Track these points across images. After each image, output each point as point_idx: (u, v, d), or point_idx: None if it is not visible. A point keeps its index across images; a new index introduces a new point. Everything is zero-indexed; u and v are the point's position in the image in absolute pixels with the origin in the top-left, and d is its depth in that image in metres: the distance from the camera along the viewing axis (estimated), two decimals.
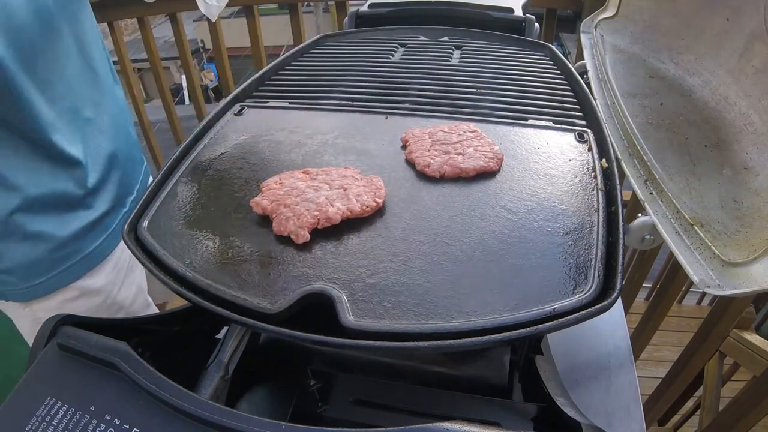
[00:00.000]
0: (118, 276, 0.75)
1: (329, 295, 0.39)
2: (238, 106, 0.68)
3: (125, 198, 0.77)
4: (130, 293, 0.77)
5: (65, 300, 0.69)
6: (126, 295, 0.76)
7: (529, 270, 0.41)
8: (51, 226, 0.64)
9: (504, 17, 0.95)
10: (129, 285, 0.77)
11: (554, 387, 0.43)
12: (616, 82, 0.69)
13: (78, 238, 0.67)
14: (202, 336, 0.55)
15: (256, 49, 1.58)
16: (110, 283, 0.73)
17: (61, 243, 0.66)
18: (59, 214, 0.65)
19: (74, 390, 0.37)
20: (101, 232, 0.71)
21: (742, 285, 0.40)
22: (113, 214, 0.73)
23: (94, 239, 0.70)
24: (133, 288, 0.78)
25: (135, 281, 0.79)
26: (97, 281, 0.71)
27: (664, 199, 0.51)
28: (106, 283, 0.73)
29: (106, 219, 0.72)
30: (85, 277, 0.70)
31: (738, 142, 0.52)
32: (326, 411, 0.50)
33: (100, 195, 0.70)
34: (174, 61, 9.31)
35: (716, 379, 1.48)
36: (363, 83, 0.75)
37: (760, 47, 0.52)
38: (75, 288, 0.69)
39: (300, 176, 0.51)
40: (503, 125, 0.61)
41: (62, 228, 0.65)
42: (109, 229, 0.73)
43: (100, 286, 0.72)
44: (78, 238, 0.67)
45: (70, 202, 0.66)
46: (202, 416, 0.33)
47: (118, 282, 0.75)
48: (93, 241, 0.70)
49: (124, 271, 0.76)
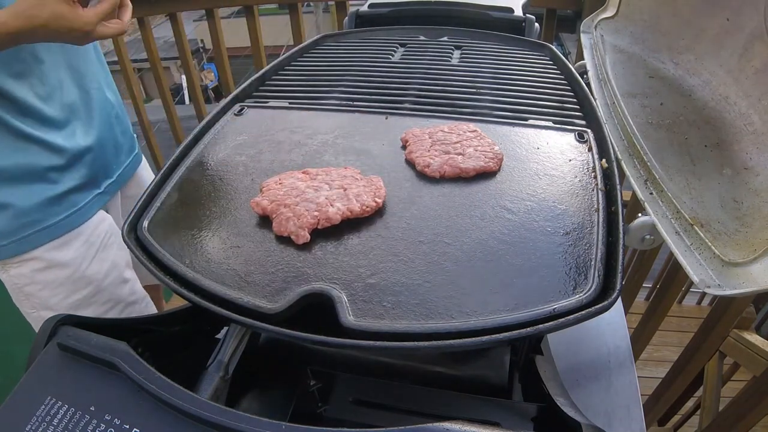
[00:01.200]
0: (89, 251, 0.77)
1: (329, 295, 0.39)
2: (238, 106, 0.68)
3: (100, 180, 0.79)
4: (101, 268, 0.79)
5: (34, 270, 0.73)
6: (97, 269, 0.78)
7: (529, 270, 0.41)
8: (12, 197, 0.68)
9: (504, 17, 0.95)
10: (101, 261, 0.79)
11: (554, 387, 0.43)
12: (616, 82, 0.69)
13: (39, 209, 0.70)
14: (202, 336, 0.55)
15: (256, 49, 1.58)
16: (80, 258, 0.76)
17: (22, 212, 0.69)
18: (21, 185, 0.68)
19: (74, 390, 0.37)
20: (67, 207, 0.74)
21: (742, 285, 0.40)
22: (83, 192, 0.76)
23: (57, 213, 0.72)
24: (105, 264, 0.80)
25: (109, 258, 0.81)
26: (66, 255, 0.74)
27: (664, 199, 0.51)
28: (74, 257, 0.75)
29: (72, 195, 0.74)
30: (52, 250, 0.73)
31: (738, 142, 0.52)
32: (326, 411, 0.50)
33: (68, 172, 0.73)
34: (174, 61, 9.32)
35: (716, 379, 1.48)
36: (363, 83, 0.75)
37: (760, 47, 0.52)
38: (42, 259, 0.73)
39: (300, 176, 0.51)
40: (503, 125, 0.61)
41: (23, 199, 0.69)
42: (78, 206, 0.75)
43: (68, 260, 0.75)
44: (39, 209, 0.70)
45: (33, 175, 0.69)
46: (202, 416, 0.33)
47: (89, 257, 0.77)
48: (57, 215, 0.72)
49: (97, 246, 0.78)
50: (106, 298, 0.80)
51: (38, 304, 0.76)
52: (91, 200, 0.77)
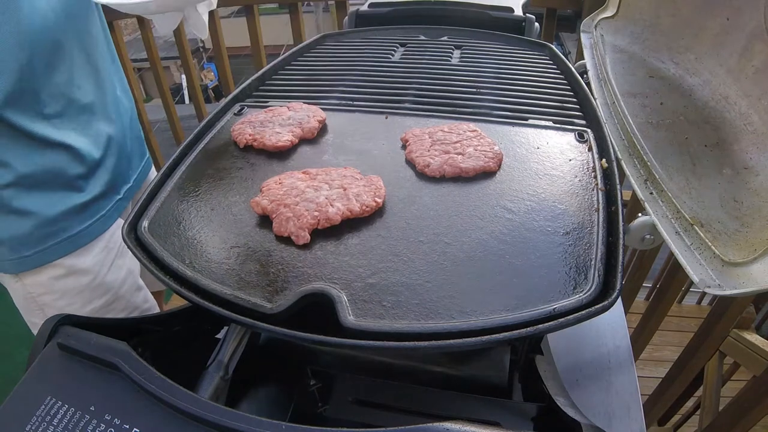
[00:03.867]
0: (108, 257, 0.76)
1: (329, 294, 0.39)
2: (238, 106, 0.68)
3: (120, 186, 0.78)
4: (119, 276, 0.78)
5: (53, 277, 0.70)
6: (115, 277, 0.77)
7: (529, 270, 0.41)
8: (38, 205, 0.66)
9: (504, 17, 0.95)
10: (119, 267, 0.78)
11: (554, 387, 0.43)
12: (616, 81, 0.69)
13: (65, 218, 0.69)
14: (202, 336, 0.55)
15: (256, 49, 1.58)
16: (98, 264, 0.74)
17: (47, 221, 0.67)
18: (48, 193, 0.67)
19: (74, 390, 0.37)
20: (90, 216, 0.72)
21: (742, 285, 0.40)
22: (105, 199, 0.75)
23: (82, 221, 0.71)
24: (122, 271, 0.79)
25: (125, 264, 0.80)
26: (86, 261, 0.73)
27: (664, 199, 0.51)
28: (94, 263, 0.74)
29: (96, 203, 0.73)
30: (72, 256, 0.71)
31: (738, 142, 0.52)
32: (326, 411, 0.50)
33: (92, 179, 0.71)
34: (174, 61, 9.32)
35: (716, 379, 1.48)
36: (363, 83, 0.75)
37: (760, 47, 0.52)
38: (62, 266, 0.71)
39: (300, 176, 0.51)
40: (503, 125, 0.61)
41: (49, 207, 0.67)
42: (100, 214, 0.74)
43: (88, 266, 0.73)
44: (65, 218, 0.69)
45: (60, 183, 0.68)
46: (202, 416, 0.33)
47: (107, 263, 0.76)
48: (81, 223, 0.71)
49: (114, 252, 0.77)
50: (123, 306, 0.79)
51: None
52: (113, 206, 0.76)
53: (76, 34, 0.66)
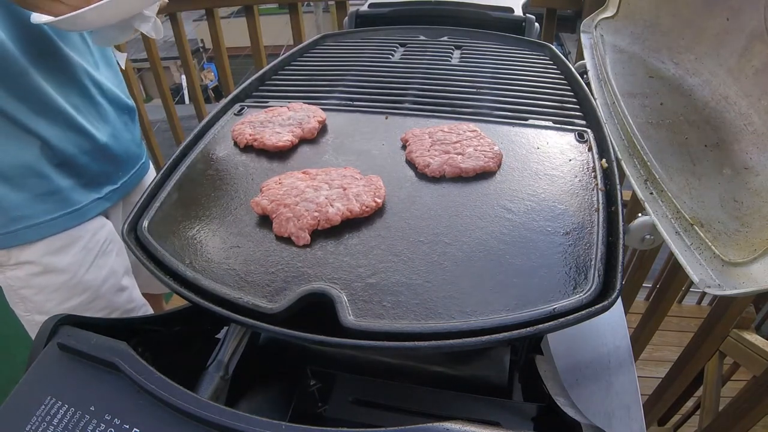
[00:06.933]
0: (87, 257, 0.77)
1: (329, 294, 0.39)
2: (238, 106, 0.68)
3: (102, 186, 0.79)
4: (99, 275, 0.78)
5: (30, 274, 0.73)
6: (94, 276, 0.78)
7: (529, 270, 0.41)
8: (1, 189, 0.67)
9: (504, 17, 0.95)
10: (99, 267, 0.78)
11: (554, 387, 0.43)
12: (616, 82, 0.69)
13: (28, 204, 0.70)
14: (202, 336, 0.55)
15: (256, 49, 1.58)
16: (77, 264, 0.75)
17: (11, 205, 0.68)
18: (10, 178, 0.68)
19: (74, 390, 0.37)
20: (60, 206, 0.72)
21: (742, 285, 0.40)
22: (77, 194, 0.75)
23: (47, 211, 0.71)
24: (103, 271, 0.79)
25: (107, 264, 0.80)
26: (63, 260, 0.74)
27: (664, 199, 0.51)
28: (71, 263, 0.75)
29: (65, 194, 0.73)
30: (49, 254, 0.72)
31: (738, 142, 0.52)
32: (326, 411, 0.50)
33: (58, 171, 0.72)
34: (174, 61, 9.31)
35: (716, 379, 1.48)
36: (363, 83, 0.75)
37: (760, 47, 0.52)
38: (38, 264, 0.72)
39: (300, 176, 0.51)
40: (503, 125, 0.61)
41: (11, 192, 0.68)
42: (71, 208, 0.74)
43: (65, 266, 0.74)
44: (28, 204, 0.70)
45: (23, 169, 0.68)
46: (202, 416, 0.33)
47: (86, 263, 0.77)
48: (47, 213, 0.71)
49: (95, 253, 0.78)
50: (102, 306, 0.80)
51: (32, 308, 0.76)
52: (90, 204, 0.76)
53: (42, 59, 0.67)
